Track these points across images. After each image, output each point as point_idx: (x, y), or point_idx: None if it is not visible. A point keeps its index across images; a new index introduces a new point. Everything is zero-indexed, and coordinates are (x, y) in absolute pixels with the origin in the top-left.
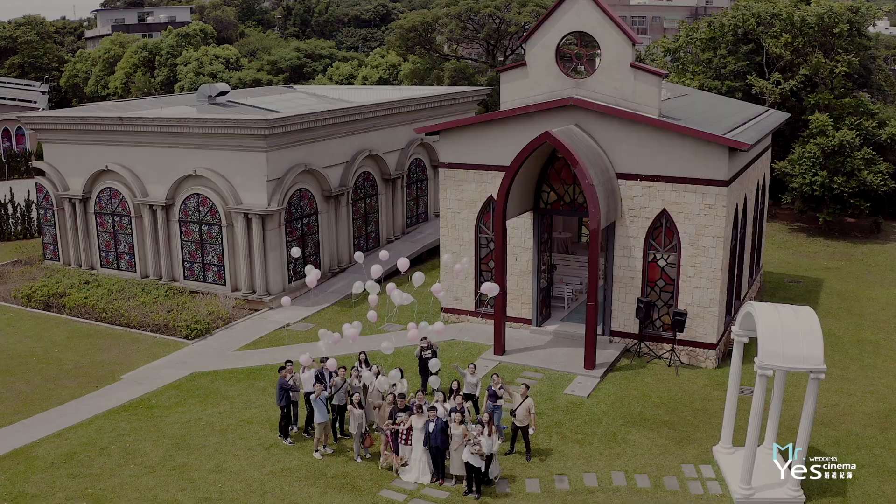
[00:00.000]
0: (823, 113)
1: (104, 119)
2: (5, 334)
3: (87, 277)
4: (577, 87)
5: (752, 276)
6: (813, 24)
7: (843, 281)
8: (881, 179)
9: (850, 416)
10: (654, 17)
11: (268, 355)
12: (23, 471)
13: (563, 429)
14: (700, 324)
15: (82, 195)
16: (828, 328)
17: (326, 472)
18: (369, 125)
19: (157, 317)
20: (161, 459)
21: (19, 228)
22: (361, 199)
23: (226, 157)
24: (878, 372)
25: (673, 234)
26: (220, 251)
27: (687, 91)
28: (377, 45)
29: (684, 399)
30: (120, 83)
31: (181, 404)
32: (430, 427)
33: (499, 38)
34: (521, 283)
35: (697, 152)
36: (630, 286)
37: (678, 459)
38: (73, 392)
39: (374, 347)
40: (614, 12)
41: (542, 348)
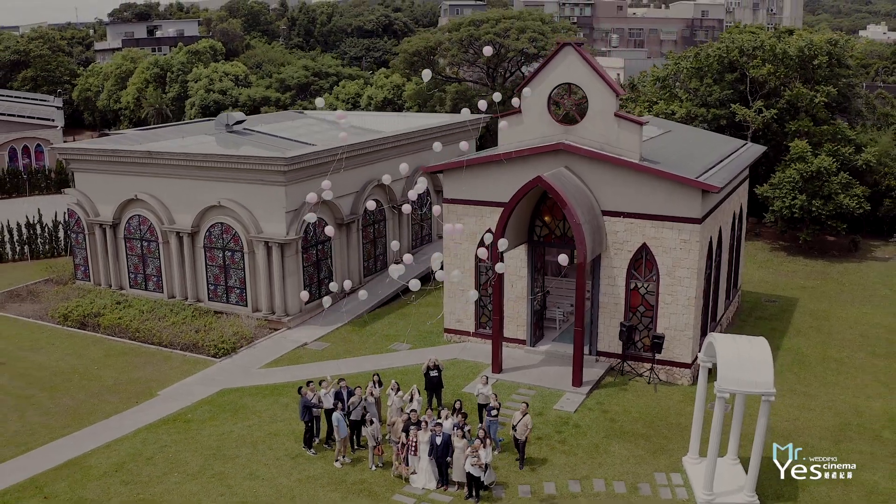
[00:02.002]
0: (803, 139)
1: (134, 153)
2: (47, 352)
3: (117, 298)
4: (567, 133)
5: (730, 298)
6: (794, 56)
7: (816, 300)
8: (857, 202)
9: (808, 429)
10: (651, 29)
11: (289, 373)
12: (80, 479)
13: (551, 441)
14: (676, 345)
15: (112, 221)
16: (796, 346)
17: (346, 479)
18: (378, 156)
19: (186, 336)
20: (201, 468)
21: (47, 247)
22: (370, 225)
23: (247, 190)
24: (839, 389)
25: (652, 265)
26: (242, 275)
27: (671, 126)
28: (380, 54)
29: (660, 414)
30: (132, 98)
31: (214, 418)
32: (436, 440)
33: (498, 62)
34: (516, 307)
35: (673, 193)
36: (614, 311)
37: (652, 468)
38: (115, 407)
39: (386, 366)
40: (601, 67)
41: (536, 367)
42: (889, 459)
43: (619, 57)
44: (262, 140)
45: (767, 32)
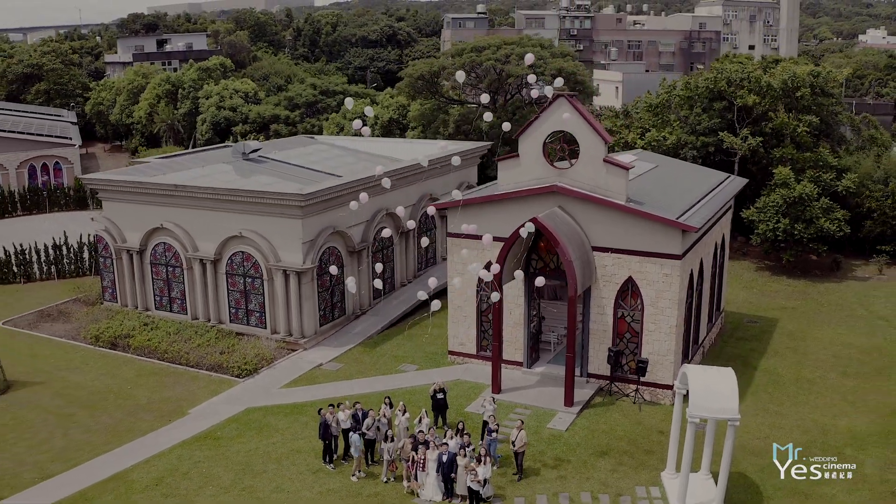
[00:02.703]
0: (787, 166)
1: (161, 185)
2: (82, 372)
3: (144, 319)
4: (560, 176)
5: (712, 321)
6: (777, 87)
7: (795, 321)
8: (837, 226)
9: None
10: (650, 41)
11: (308, 392)
12: (124, 492)
13: (544, 457)
14: (659, 369)
15: (139, 248)
16: (772, 367)
17: (362, 491)
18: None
19: (211, 358)
20: (232, 482)
21: (73, 267)
22: (379, 251)
23: (267, 222)
24: (808, 408)
25: (637, 296)
26: (261, 300)
27: (659, 161)
28: (384, 65)
29: (643, 432)
30: (144, 113)
31: (241, 436)
32: (442, 458)
33: (500, 86)
34: (514, 332)
35: (656, 232)
36: (603, 337)
37: (633, 482)
38: (150, 425)
39: (396, 386)
40: (591, 117)
41: (531, 387)
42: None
43: (618, 70)
44: (277, 168)
45: (754, 63)
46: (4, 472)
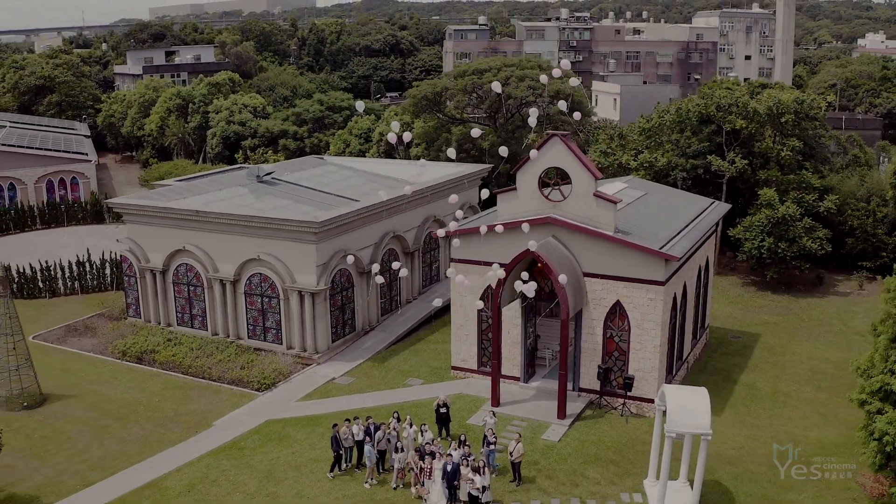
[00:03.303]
0: (772, 187)
1: (184, 211)
2: (112, 385)
3: (167, 335)
4: (554, 209)
5: (696, 338)
6: (763, 113)
7: (776, 336)
8: (819, 244)
9: (751, 456)
10: (648, 52)
11: (322, 405)
12: (160, 498)
13: (539, 466)
14: (644, 384)
15: (162, 268)
16: (751, 381)
17: (374, 497)
18: (393, 211)
19: (232, 373)
20: (257, 489)
21: (95, 283)
22: (387, 271)
23: (283, 246)
24: (783, 420)
25: (624, 318)
26: (277, 318)
27: (647, 188)
28: (386, 73)
29: (629, 442)
30: (155, 126)
31: (263, 446)
32: (447, 467)
33: (500, 107)
34: (512, 350)
35: (641, 260)
36: (593, 355)
37: (619, 489)
38: (179, 436)
39: (403, 400)
40: (583, 155)
41: (528, 401)
42: (816, 483)
43: (616, 83)
44: (290, 191)
45: (742, 89)
46: (48, 480)
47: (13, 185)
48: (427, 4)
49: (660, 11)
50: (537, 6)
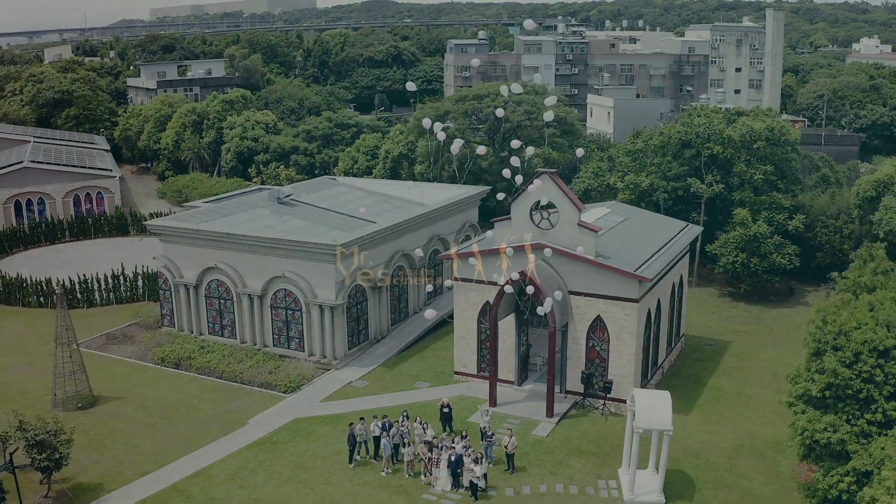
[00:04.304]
0: (745, 208)
1: (216, 233)
2: (154, 388)
3: (200, 343)
4: (544, 236)
5: (671, 346)
6: (737, 140)
7: (746, 343)
8: (788, 259)
9: (712, 449)
10: (641, 65)
11: (342, 406)
12: (208, 485)
13: (529, 457)
14: (622, 387)
15: (195, 283)
16: (719, 384)
17: (389, 483)
18: (402, 232)
19: (262, 377)
20: (290, 477)
21: (128, 294)
22: (396, 285)
23: (306, 265)
24: (744, 418)
25: (604, 330)
26: (300, 328)
27: (628, 213)
28: (389, 84)
29: (608, 437)
30: (171, 141)
31: (293, 440)
32: (452, 458)
33: (498, 129)
34: (507, 357)
35: (618, 281)
36: (578, 362)
37: (597, 477)
38: (219, 432)
39: (412, 401)
40: (569, 190)
41: (521, 402)
42: (766, 472)
43: (610, 97)
44: (308, 212)
45: (719, 116)
46: (108, 470)
47: (42, 199)
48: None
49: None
50: (537, 8)
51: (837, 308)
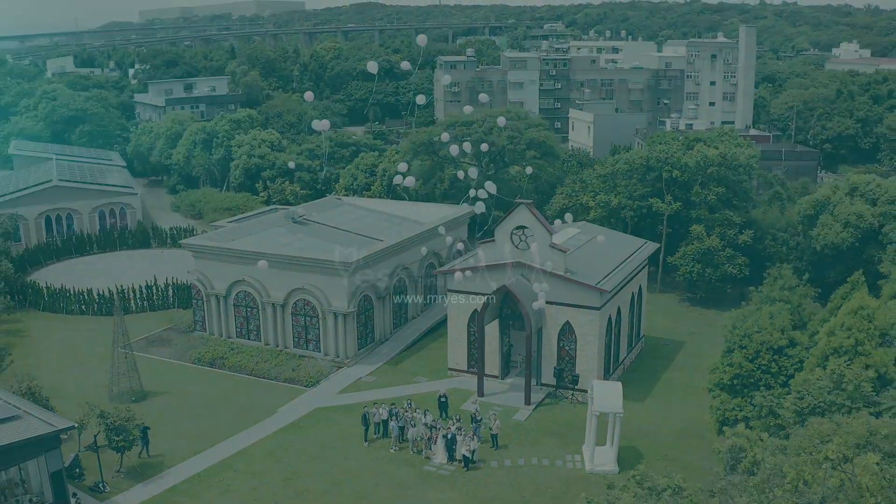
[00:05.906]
0: (701, 225)
1: (245, 252)
2: (194, 384)
3: (230, 345)
4: (522, 255)
5: (633, 345)
6: (692, 166)
7: (697, 343)
8: (738, 269)
9: (661, 430)
10: (621, 79)
11: (355, 397)
12: (250, 461)
13: (510, 438)
14: (587, 381)
15: (225, 294)
16: (672, 377)
17: (398, 458)
18: (403, 249)
19: (286, 374)
20: (316, 455)
21: (160, 302)
22: (397, 294)
23: (322, 279)
24: (691, 405)
25: (572, 333)
26: (317, 332)
27: (596, 232)
28: (382, 97)
29: (575, 421)
30: (182, 157)
31: (316, 426)
32: (448, 436)
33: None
34: (492, 355)
35: (583, 292)
36: (550, 359)
37: (565, 452)
38: (253, 419)
39: (413, 392)
40: (543, 218)
41: (504, 392)
42: (705, 448)
43: (590, 111)
44: (321, 231)
45: (679, 142)
46: (165, 450)
47: (70, 215)
48: (415, 8)
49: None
50: (524, 11)
51: (745, 316)
